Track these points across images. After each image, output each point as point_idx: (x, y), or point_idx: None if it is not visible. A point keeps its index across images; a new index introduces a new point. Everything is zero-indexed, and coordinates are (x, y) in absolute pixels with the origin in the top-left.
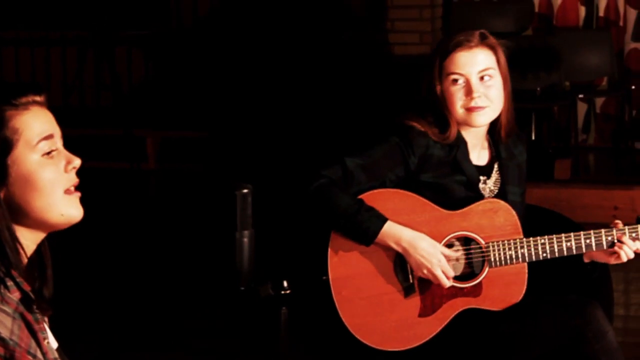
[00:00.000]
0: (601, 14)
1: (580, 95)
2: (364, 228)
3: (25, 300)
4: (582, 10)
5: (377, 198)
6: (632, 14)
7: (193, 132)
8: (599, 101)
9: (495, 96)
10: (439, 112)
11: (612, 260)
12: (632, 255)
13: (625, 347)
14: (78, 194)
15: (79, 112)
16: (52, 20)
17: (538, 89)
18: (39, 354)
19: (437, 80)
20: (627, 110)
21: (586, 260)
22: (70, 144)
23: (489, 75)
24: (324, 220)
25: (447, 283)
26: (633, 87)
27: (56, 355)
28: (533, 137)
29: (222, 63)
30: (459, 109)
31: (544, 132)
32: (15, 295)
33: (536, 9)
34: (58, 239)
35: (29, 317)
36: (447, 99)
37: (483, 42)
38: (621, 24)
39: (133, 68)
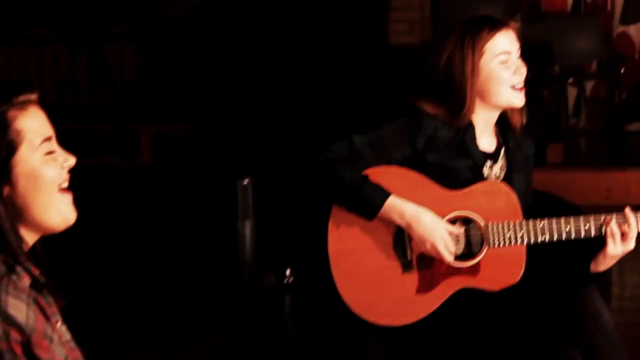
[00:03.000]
0: None
1: (570, 80)
2: (368, 201)
3: (35, 284)
4: None
5: (381, 174)
6: None
7: (187, 125)
8: (589, 85)
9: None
10: (454, 94)
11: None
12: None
13: (620, 327)
14: (70, 195)
15: (73, 109)
16: (43, 19)
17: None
18: (55, 337)
19: (473, 62)
20: (617, 93)
21: (593, 269)
22: (63, 141)
23: (519, 56)
24: (329, 194)
25: (450, 258)
26: (622, 70)
27: (69, 337)
28: (524, 122)
29: (215, 54)
30: (506, 90)
31: (534, 116)
32: (25, 281)
33: None
34: (55, 236)
35: (42, 301)
36: (493, 80)
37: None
38: (609, 7)
39: (125, 63)
